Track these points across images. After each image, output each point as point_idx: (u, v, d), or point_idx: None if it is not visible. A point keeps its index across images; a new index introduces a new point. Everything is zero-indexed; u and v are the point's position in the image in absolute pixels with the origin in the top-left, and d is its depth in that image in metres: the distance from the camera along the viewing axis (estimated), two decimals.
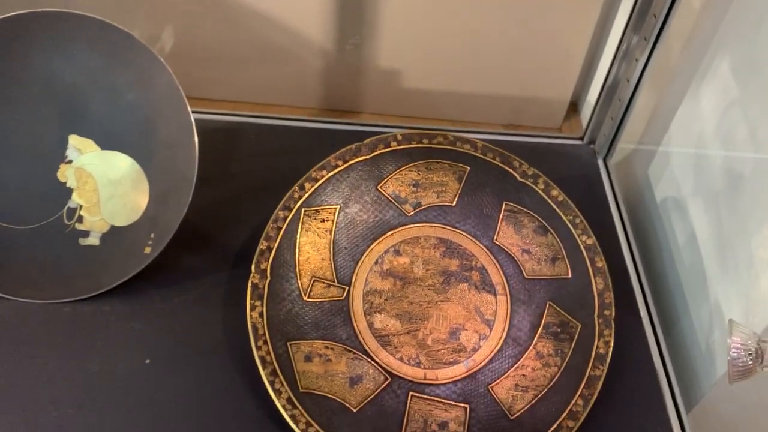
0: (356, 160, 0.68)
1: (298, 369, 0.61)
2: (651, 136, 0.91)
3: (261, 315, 0.62)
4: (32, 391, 0.61)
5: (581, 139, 0.90)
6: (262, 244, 0.64)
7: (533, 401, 0.62)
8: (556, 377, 0.63)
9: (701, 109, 0.79)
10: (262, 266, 0.63)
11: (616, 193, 0.85)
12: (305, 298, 0.64)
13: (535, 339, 0.65)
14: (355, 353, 0.63)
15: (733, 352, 0.42)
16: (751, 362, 0.41)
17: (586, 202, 0.81)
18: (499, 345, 0.65)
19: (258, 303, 0.62)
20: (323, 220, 0.67)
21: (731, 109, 0.72)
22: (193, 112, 0.71)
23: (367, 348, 0.63)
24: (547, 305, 0.66)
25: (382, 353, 0.63)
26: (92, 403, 0.61)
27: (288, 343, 0.62)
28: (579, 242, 0.67)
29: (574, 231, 0.68)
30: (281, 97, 1.11)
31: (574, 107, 1.23)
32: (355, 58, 1.02)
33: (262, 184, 0.78)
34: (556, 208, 0.68)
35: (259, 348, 0.60)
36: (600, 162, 0.88)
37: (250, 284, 0.62)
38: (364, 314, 0.65)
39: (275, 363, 0.60)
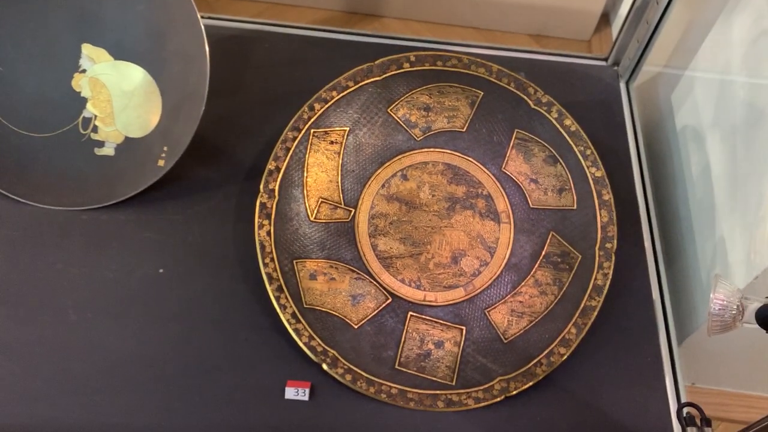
0: (367, 81, 0.67)
1: (303, 286, 0.63)
2: (677, 60, 0.88)
3: (269, 233, 0.63)
4: (52, 296, 0.64)
5: (605, 60, 0.88)
6: (271, 164, 0.65)
7: (528, 327, 0.64)
8: (552, 305, 0.65)
9: (732, 36, 0.76)
10: (271, 186, 0.65)
11: (635, 120, 0.83)
12: (312, 219, 0.66)
13: (535, 267, 0.66)
14: (358, 273, 0.65)
15: (715, 308, 0.42)
16: (730, 319, 0.42)
17: (603, 127, 0.80)
18: (499, 271, 0.66)
19: (266, 222, 0.64)
20: (332, 142, 0.67)
21: (763, 39, 0.69)
22: (204, 17, 0.70)
23: (370, 269, 0.65)
24: (550, 235, 0.67)
25: (384, 274, 0.65)
26: (108, 308, 0.64)
27: (294, 261, 0.64)
28: (588, 174, 0.67)
29: (583, 162, 0.67)
30: None
31: (605, 20, 1.18)
32: None
33: (275, 97, 0.78)
34: (568, 138, 0.68)
35: (266, 265, 0.63)
36: (622, 85, 0.86)
37: (258, 204, 0.64)
38: (369, 236, 0.66)
39: (281, 279, 0.62)
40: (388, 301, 0.65)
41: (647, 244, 0.73)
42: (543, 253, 0.66)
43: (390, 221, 0.67)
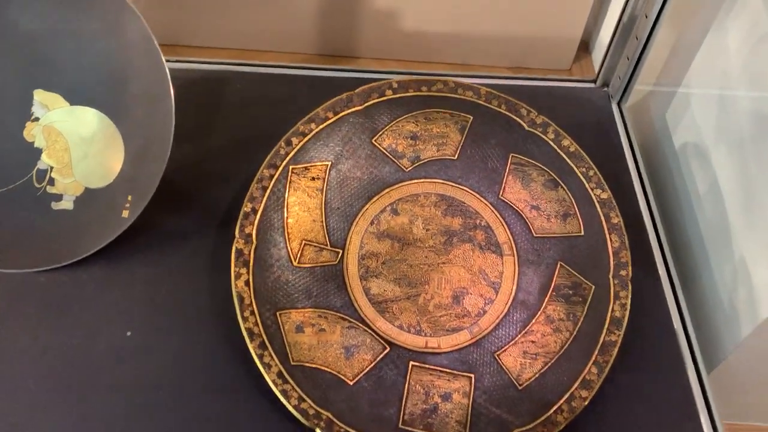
0: (348, 111, 0.62)
1: (289, 340, 0.56)
2: (669, 77, 0.84)
3: (247, 283, 0.57)
4: (9, 366, 0.57)
5: (594, 81, 0.84)
6: (246, 207, 0.59)
7: (543, 369, 0.58)
8: (568, 343, 0.58)
9: (727, 46, 0.72)
10: (247, 230, 0.58)
11: (632, 140, 0.79)
12: (295, 264, 0.59)
13: (545, 302, 0.60)
14: (350, 321, 0.58)
15: None
16: None
17: (599, 150, 0.75)
18: (506, 309, 0.60)
19: (244, 271, 0.57)
20: (313, 178, 0.61)
21: (762, 45, 0.66)
22: (169, 61, 0.65)
23: (363, 315, 0.59)
24: (558, 265, 0.61)
25: (379, 321, 0.59)
26: (71, 379, 0.57)
27: (277, 313, 0.57)
28: (593, 196, 0.62)
29: (587, 184, 0.62)
30: (271, 43, 1.03)
31: (585, 47, 1.16)
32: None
33: (249, 138, 0.72)
34: (568, 160, 0.63)
35: (245, 319, 0.56)
36: (614, 106, 0.81)
37: (234, 251, 0.57)
38: (360, 279, 0.60)
39: (264, 335, 0.56)
40: (386, 351, 0.58)
41: (661, 270, 0.67)
42: (552, 285, 0.60)
43: (382, 261, 0.60)
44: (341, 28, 1.02)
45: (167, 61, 0.77)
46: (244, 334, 0.55)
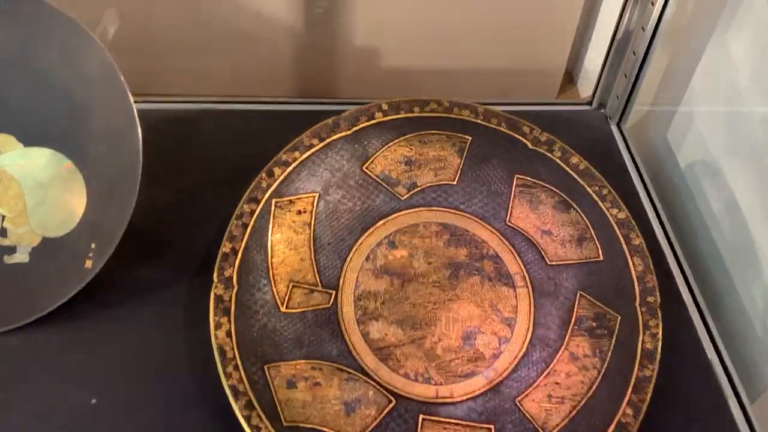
0: (335, 137, 0.56)
1: (280, 397, 0.49)
2: (667, 96, 0.80)
3: (229, 334, 0.50)
4: None
5: (589, 104, 0.79)
6: (225, 246, 0.52)
7: (572, 414, 0.51)
8: (597, 382, 0.52)
9: (730, 59, 0.68)
10: (227, 273, 0.51)
11: (637, 162, 0.74)
12: (283, 309, 0.52)
13: (567, 338, 0.53)
14: (349, 372, 0.51)
15: None
16: None
17: (603, 173, 0.70)
18: (524, 348, 0.53)
19: (224, 319, 0.50)
20: (299, 212, 0.55)
21: None
22: (137, 102, 0.60)
23: (363, 365, 0.51)
24: (578, 295, 0.54)
25: (382, 370, 0.52)
26: None
27: (265, 367, 0.50)
28: (609, 217, 0.56)
29: (601, 204, 0.56)
30: (248, 88, 0.98)
31: (569, 78, 1.12)
32: (328, 37, 0.90)
33: (225, 177, 0.65)
34: (578, 179, 0.57)
35: (228, 376, 0.48)
36: (613, 128, 0.77)
37: (212, 297, 0.50)
38: (357, 323, 0.53)
39: (250, 393, 0.48)
40: (392, 404, 0.50)
41: (685, 296, 0.61)
42: (573, 318, 0.54)
43: (381, 301, 0.54)
44: (321, 69, 0.97)
45: (135, 102, 0.72)
46: (228, 392, 0.48)
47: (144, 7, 0.82)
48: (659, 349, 0.52)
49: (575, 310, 0.54)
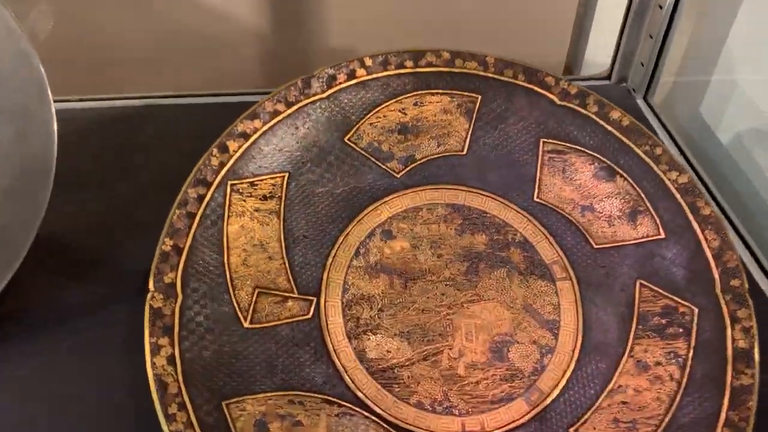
0: (307, 101, 0.44)
1: None
2: (697, 64, 0.69)
3: (171, 360, 0.36)
4: None
5: (607, 78, 0.68)
6: (165, 244, 0.38)
7: None
8: (679, 398, 0.38)
9: None
10: (167, 279, 0.38)
11: (674, 136, 0.62)
12: (246, 325, 0.38)
13: (630, 341, 0.40)
14: (341, 405, 0.37)
15: None
16: None
17: None
18: (575, 360, 0.40)
19: (164, 341, 0.36)
20: (264, 197, 0.42)
21: None
22: (69, 101, 0.49)
23: (360, 394, 0.38)
24: (638, 285, 0.41)
25: (386, 400, 0.38)
26: None
27: (224, 404, 0.36)
28: (667, 182, 0.43)
29: (656, 167, 0.44)
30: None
31: (568, 72, 1.02)
32: (301, 37, 0.79)
33: (171, 179, 0.52)
34: (623, 138, 0.45)
35: (171, 418, 0.34)
36: (640, 102, 0.65)
37: (148, 311, 0.36)
38: (349, 338, 0.39)
39: None
40: None
41: (762, 283, 0.49)
42: (635, 315, 0.41)
43: (379, 307, 0.40)
44: (290, 73, 0.86)
45: (64, 101, 0.60)
46: None
47: (89, 9, 0.70)
48: (756, 348, 0.39)
49: (636, 304, 0.41)
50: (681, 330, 0.40)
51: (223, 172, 0.41)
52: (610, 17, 0.72)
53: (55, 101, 0.63)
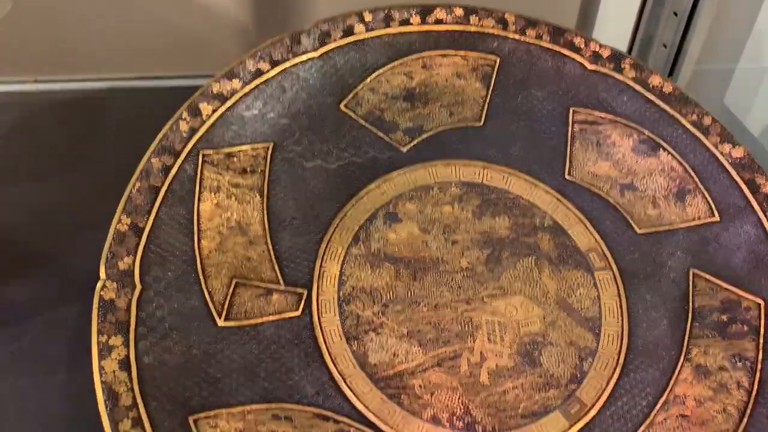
0: (296, 60, 0.37)
1: None
2: (722, 50, 0.63)
3: (125, 365, 0.28)
4: None
5: None
6: (121, 223, 0.31)
7: None
8: (750, 409, 0.31)
9: None
10: (123, 265, 0.30)
11: None
12: (221, 323, 0.31)
13: (686, 342, 0.33)
14: (337, 421, 0.30)
15: None
16: None
17: None
18: (621, 364, 0.33)
19: (117, 340, 0.29)
20: (244, 171, 0.35)
21: None
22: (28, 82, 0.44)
23: (361, 406, 0.30)
24: (691, 276, 0.35)
25: (394, 414, 0.30)
26: None
27: (191, 419, 0.28)
28: (720, 156, 0.37)
29: (705, 139, 0.37)
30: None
31: None
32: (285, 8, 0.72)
33: (128, 173, 0.46)
34: (666, 107, 0.38)
35: None
36: None
37: (97, 303, 0.29)
38: (347, 339, 0.32)
39: None
40: None
41: None
42: (690, 311, 0.34)
43: (383, 303, 0.33)
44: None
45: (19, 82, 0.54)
46: None
47: None
48: None
49: (691, 298, 0.34)
50: (746, 328, 0.33)
51: (194, 139, 0.34)
52: None
53: (9, 83, 0.57)
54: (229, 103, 0.35)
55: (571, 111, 0.39)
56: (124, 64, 0.63)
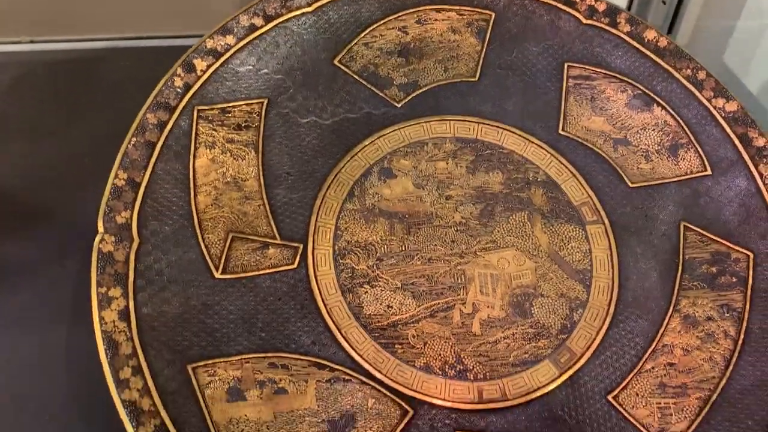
0: (289, 15, 0.37)
1: (216, 418, 0.28)
2: (720, 7, 0.62)
3: (125, 315, 0.29)
4: None
5: None
6: (118, 178, 0.32)
7: (704, 412, 0.31)
8: (735, 358, 0.32)
9: None
10: (120, 218, 0.31)
11: None
12: (218, 275, 0.32)
13: (675, 293, 0.34)
14: (333, 369, 0.31)
15: None
16: None
17: None
18: (611, 315, 0.33)
19: (116, 292, 0.29)
20: (239, 127, 0.35)
21: None
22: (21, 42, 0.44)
23: (356, 355, 0.31)
24: (682, 229, 0.35)
25: (388, 363, 0.31)
26: None
27: (189, 367, 0.29)
28: (713, 111, 0.37)
29: (699, 94, 0.38)
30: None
31: None
32: None
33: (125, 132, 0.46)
34: (661, 61, 0.38)
35: (123, 384, 0.27)
36: None
37: (96, 256, 0.30)
38: (342, 291, 0.33)
39: (162, 412, 0.27)
40: (409, 417, 0.30)
41: None
42: (680, 263, 0.34)
43: (378, 257, 0.34)
44: None
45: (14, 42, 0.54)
46: (122, 413, 0.27)
47: None
48: None
49: (681, 251, 0.35)
50: (734, 279, 0.34)
51: (188, 95, 0.34)
52: None
53: (4, 43, 0.56)
54: (223, 59, 0.35)
55: (565, 66, 0.39)
56: (119, 24, 0.63)
